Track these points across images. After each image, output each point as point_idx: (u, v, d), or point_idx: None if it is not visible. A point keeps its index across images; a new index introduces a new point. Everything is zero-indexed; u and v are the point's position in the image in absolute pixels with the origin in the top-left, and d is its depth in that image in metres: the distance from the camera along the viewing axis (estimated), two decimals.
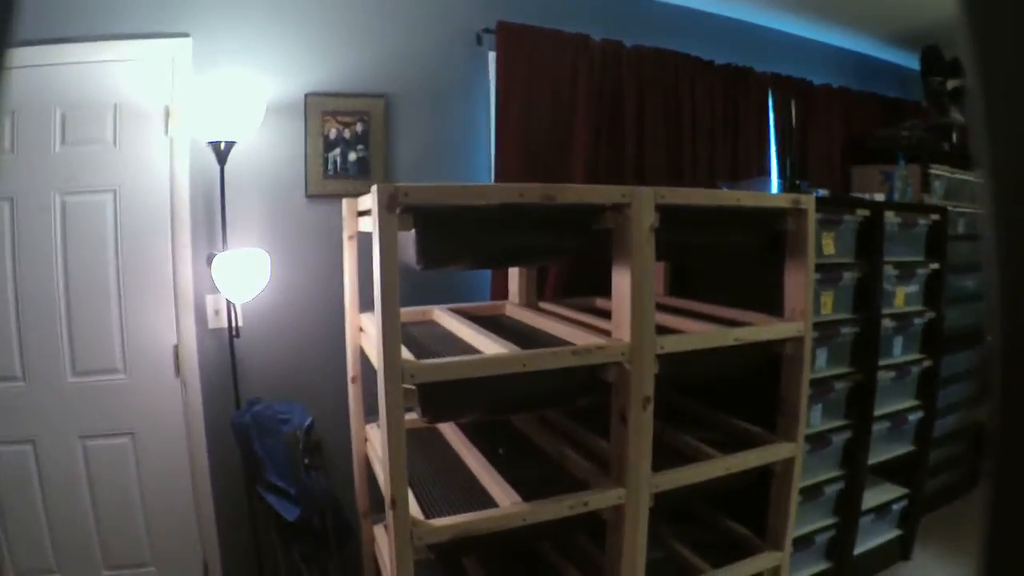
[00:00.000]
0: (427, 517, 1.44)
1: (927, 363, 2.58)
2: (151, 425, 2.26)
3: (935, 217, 2.59)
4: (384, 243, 1.28)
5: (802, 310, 1.86)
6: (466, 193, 1.39)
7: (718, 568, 1.87)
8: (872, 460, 2.42)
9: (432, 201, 1.36)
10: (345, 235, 1.97)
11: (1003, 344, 0.41)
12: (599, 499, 1.54)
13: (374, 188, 1.28)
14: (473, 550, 1.77)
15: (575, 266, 2.45)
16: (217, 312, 2.25)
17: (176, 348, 2.25)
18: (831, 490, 2.31)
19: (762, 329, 1.79)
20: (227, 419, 2.13)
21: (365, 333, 1.90)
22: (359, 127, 2.28)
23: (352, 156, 2.29)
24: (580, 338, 1.60)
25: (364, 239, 1.98)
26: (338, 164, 2.27)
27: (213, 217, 2.17)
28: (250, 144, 2.18)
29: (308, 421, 2.03)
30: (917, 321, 2.54)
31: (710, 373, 1.82)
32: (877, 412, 2.39)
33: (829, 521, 2.34)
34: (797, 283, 1.87)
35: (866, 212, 2.31)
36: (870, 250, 2.32)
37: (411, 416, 1.97)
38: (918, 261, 2.55)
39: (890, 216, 2.40)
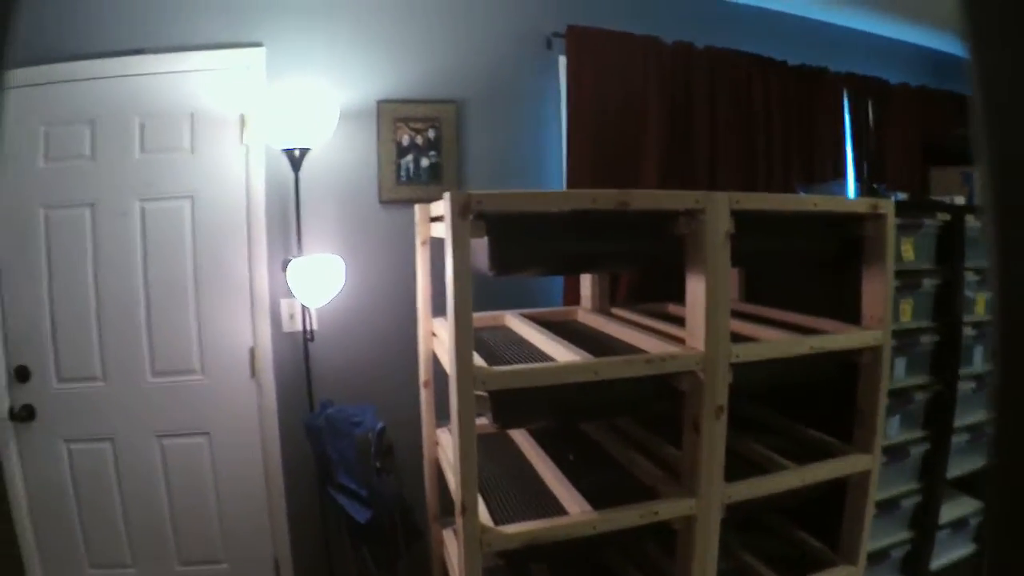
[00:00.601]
0: (496, 523, 1.45)
1: None
2: (226, 425, 2.35)
3: None
4: (457, 249, 1.30)
5: (880, 318, 1.80)
6: (538, 200, 1.40)
7: None
8: (951, 473, 2.31)
9: (504, 208, 1.38)
10: (418, 240, 2.01)
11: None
12: (670, 509, 1.53)
13: (447, 195, 1.30)
14: (542, 557, 1.79)
15: (647, 271, 2.44)
16: (292, 316, 2.32)
17: (252, 350, 2.34)
18: (908, 503, 2.23)
19: (839, 338, 1.74)
20: (300, 421, 2.20)
21: (437, 338, 1.93)
22: (431, 133, 2.33)
23: (424, 162, 2.33)
24: (653, 346, 1.59)
25: (437, 244, 2.01)
26: (410, 170, 2.32)
27: (288, 223, 2.25)
28: (324, 151, 2.25)
29: (380, 425, 2.08)
30: None
31: (784, 382, 1.78)
32: (957, 423, 2.29)
33: (905, 535, 2.25)
34: (876, 290, 1.81)
35: (946, 216, 2.21)
36: (951, 256, 2.22)
37: (482, 421, 2.01)
38: None
39: (971, 220, 2.29)
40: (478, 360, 1.42)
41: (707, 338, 1.49)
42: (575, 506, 1.52)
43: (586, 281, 2.24)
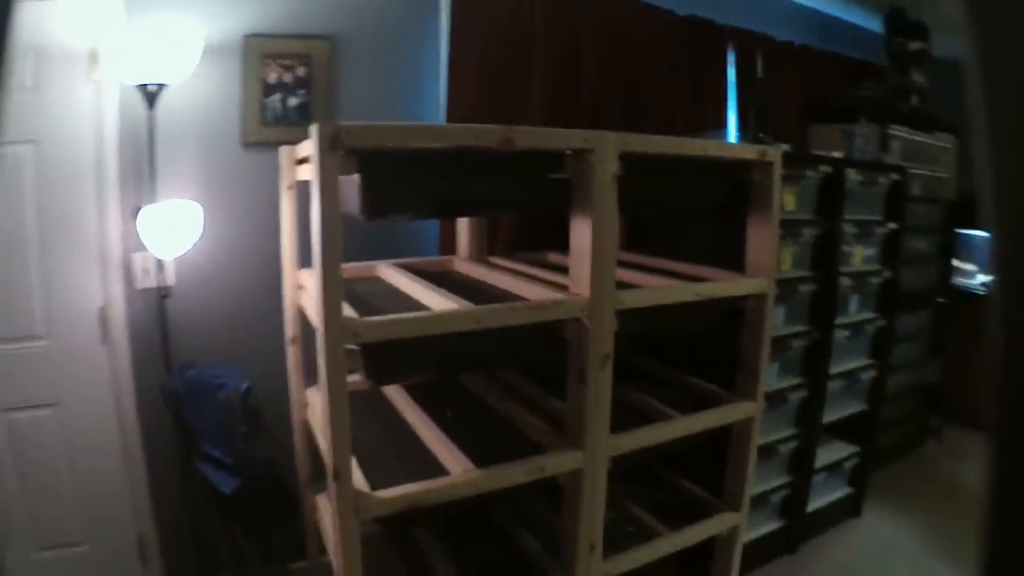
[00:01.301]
0: (373, 488, 1.34)
1: (881, 323, 2.59)
2: (77, 394, 2.09)
3: (895, 177, 2.58)
4: (325, 188, 1.15)
5: (765, 266, 1.81)
6: (416, 134, 1.26)
7: (676, 530, 1.84)
8: (825, 419, 2.43)
9: (379, 143, 1.23)
10: (283, 185, 1.82)
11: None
12: (556, 464, 1.47)
13: (314, 128, 1.14)
14: (424, 521, 1.70)
15: (526, 219, 2.35)
16: (146, 271, 2.07)
17: (102, 311, 2.07)
18: (785, 449, 2.31)
19: (725, 285, 1.73)
20: (155, 391, 1.99)
21: (305, 291, 1.77)
22: (301, 71, 2.10)
23: (293, 101, 2.11)
24: (535, 293, 1.50)
25: (304, 189, 1.83)
26: (278, 110, 2.09)
27: (142, 168, 1.98)
28: (183, 89, 1.99)
29: (245, 385, 1.89)
30: (874, 280, 2.54)
31: (668, 331, 1.76)
32: (832, 371, 2.40)
33: (783, 480, 2.34)
34: (761, 238, 1.81)
35: (828, 168, 2.27)
36: (831, 208, 2.29)
37: (354, 378, 1.87)
38: (877, 221, 2.53)
39: (851, 174, 2.36)
40: (349, 312, 1.28)
41: (592, 284, 1.42)
42: (457, 465, 1.43)
43: (463, 230, 2.13)
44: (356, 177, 1.28)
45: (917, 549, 2.46)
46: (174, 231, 1.86)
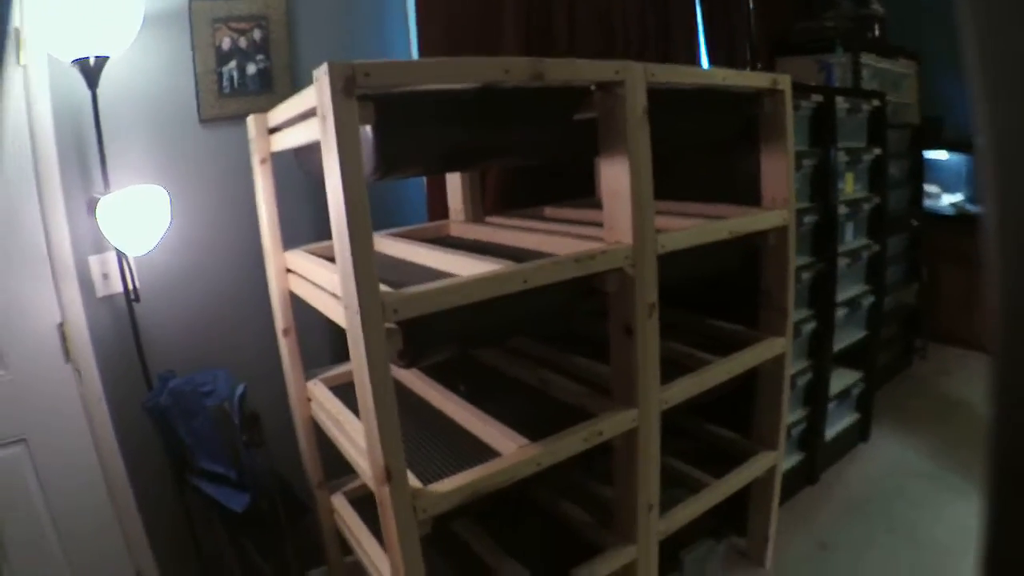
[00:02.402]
0: (424, 483, 1.21)
1: (876, 248, 2.60)
2: (45, 426, 1.84)
3: (876, 103, 2.56)
4: (343, 142, 0.98)
5: (784, 198, 1.74)
6: (442, 69, 1.09)
7: (720, 478, 1.79)
8: (833, 348, 2.42)
9: (399, 83, 1.07)
10: (255, 159, 1.62)
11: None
12: (613, 425, 1.37)
13: (322, 69, 0.97)
14: (465, 512, 1.58)
15: (513, 175, 2.21)
16: (106, 275, 1.83)
17: (61, 327, 1.83)
18: (801, 381, 2.30)
19: (753, 219, 1.66)
20: (134, 410, 1.77)
21: (297, 274, 1.60)
22: (256, 34, 1.88)
23: (251, 68, 1.89)
24: (563, 247, 1.38)
25: (279, 161, 1.66)
26: (235, 79, 1.87)
27: (87, 155, 1.74)
28: (128, 65, 1.74)
29: (240, 389, 1.70)
30: (865, 207, 2.53)
31: (700, 273, 1.67)
32: (837, 299, 2.39)
33: (800, 413, 2.33)
34: (778, 169, 1.74)
35: (820, 98, 2.22)
36: (825, 137, 2.25)
37: (344, 369, 1.73)
38: (863, 148, 2.52)
39: (840, 101, 2.33)
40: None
41: (635, 230, 1.31)
42: (509, 444, 1.30)
43: (454, 191, 1.98)
44: (366, 129, 1.12)
45: (929, 465, 2.51)
46: (139, 221, 1.63)
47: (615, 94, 1.27)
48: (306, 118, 1.28)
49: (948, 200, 3.65)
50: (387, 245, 1.69)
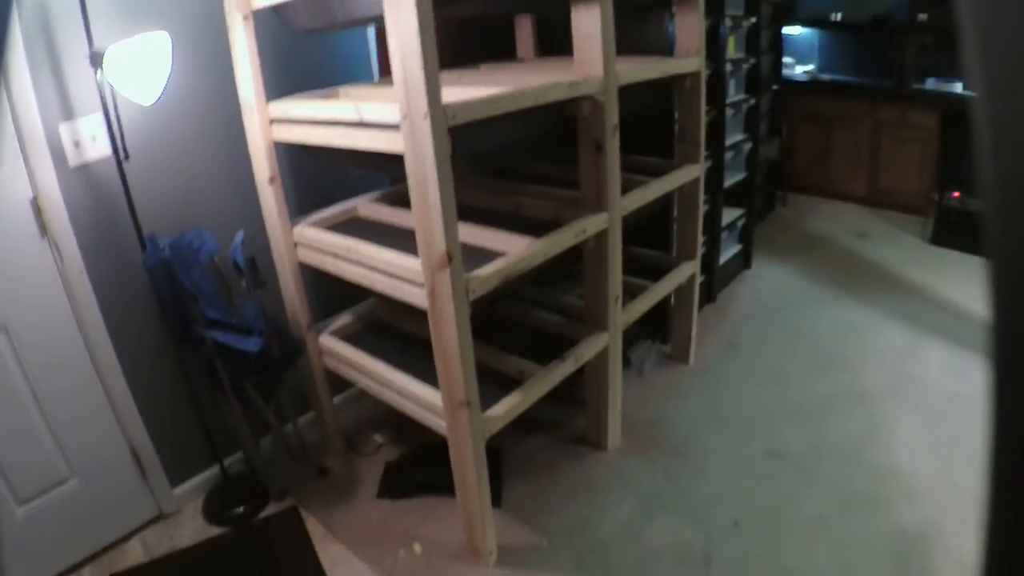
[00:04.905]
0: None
1: (751, 102, 3.10)
2: (25, 307, 1.81)
3: None
4: None
5: (697, 48, 2.11)
6: None
7: (656, 282, 2.23)
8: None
9: None
10: (235, 18, 1.69)
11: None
12: (592, 224, 1.73)
13: None
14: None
15: (454, 36, 2.41)
16: (77, 144, 1.80)
17: (35, 202, 1.80)
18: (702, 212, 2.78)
19: (679, 63, 2.02)
20: (117, 279, 1.82)
21: (283, 123, 1.75)
22: None
23: None
24: (540, 81, 1.64)
25: (261, 19, 1.75)
26: None
27: (50, 19, 1.68)
28: None
29: (240, 235, 1.83)
30: (744, 67, 2.99)
31: (637, 108, 2.02)
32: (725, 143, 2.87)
33: (702, 239, 2.84)
34: (691, 25, 2.10)
35: None
36: (714, 3, 2.62)
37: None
38: (742, 16, 2.94)
39: None
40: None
41: (605, 62, 1.62)
42: (519, 244, 1.62)
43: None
44: None
45: (802, 282, 3.18)
46: (149, 70, 1.65)
47: None
48: None
49: (801, 69, 4.28)
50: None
